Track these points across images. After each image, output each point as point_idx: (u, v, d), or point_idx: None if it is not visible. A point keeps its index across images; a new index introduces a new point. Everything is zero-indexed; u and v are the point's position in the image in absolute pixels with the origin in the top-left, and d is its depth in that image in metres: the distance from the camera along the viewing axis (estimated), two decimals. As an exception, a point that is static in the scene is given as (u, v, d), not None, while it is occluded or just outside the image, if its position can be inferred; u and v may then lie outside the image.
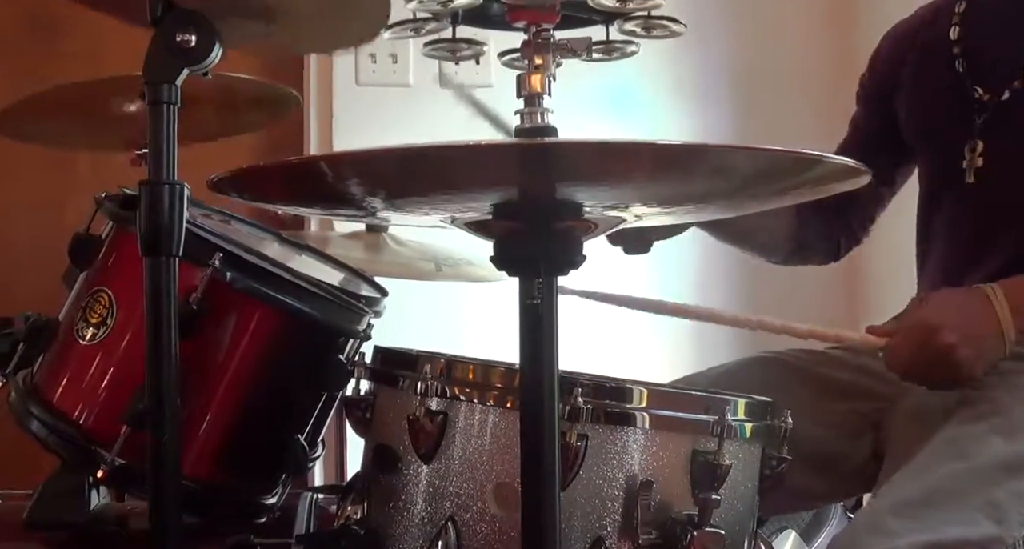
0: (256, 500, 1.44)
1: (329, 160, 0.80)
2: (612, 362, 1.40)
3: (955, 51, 1.51)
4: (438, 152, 0.74)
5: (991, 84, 1.46)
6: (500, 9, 0.96)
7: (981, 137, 1.46)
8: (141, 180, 1.13)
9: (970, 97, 1.48)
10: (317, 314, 1.39)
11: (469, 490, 1.18)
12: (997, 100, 1.45)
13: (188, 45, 1.13)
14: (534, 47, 0.92)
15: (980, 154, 1.46)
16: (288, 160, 0.78)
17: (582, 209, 0.86)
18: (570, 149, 0.71)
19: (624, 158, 0.73)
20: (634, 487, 1.15)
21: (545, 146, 0.79)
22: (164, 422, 1.14)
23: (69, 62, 2.65)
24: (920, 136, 1.61)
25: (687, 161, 0.75)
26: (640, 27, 0.93)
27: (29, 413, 1.38)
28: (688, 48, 2.75)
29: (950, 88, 1.51)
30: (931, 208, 1.61)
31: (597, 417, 1.15)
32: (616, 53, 0.99)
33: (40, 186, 2.68)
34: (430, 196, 0.86)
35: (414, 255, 2.27)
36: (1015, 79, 1.44)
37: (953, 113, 1.50)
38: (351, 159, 0.77)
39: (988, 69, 1.47)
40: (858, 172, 0.82)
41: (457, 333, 2.58)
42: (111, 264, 1.42)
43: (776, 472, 1.28)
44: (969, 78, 1.49)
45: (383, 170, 0.77)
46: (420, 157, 0.74)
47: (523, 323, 0.92)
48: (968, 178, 1.47)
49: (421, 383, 1.19)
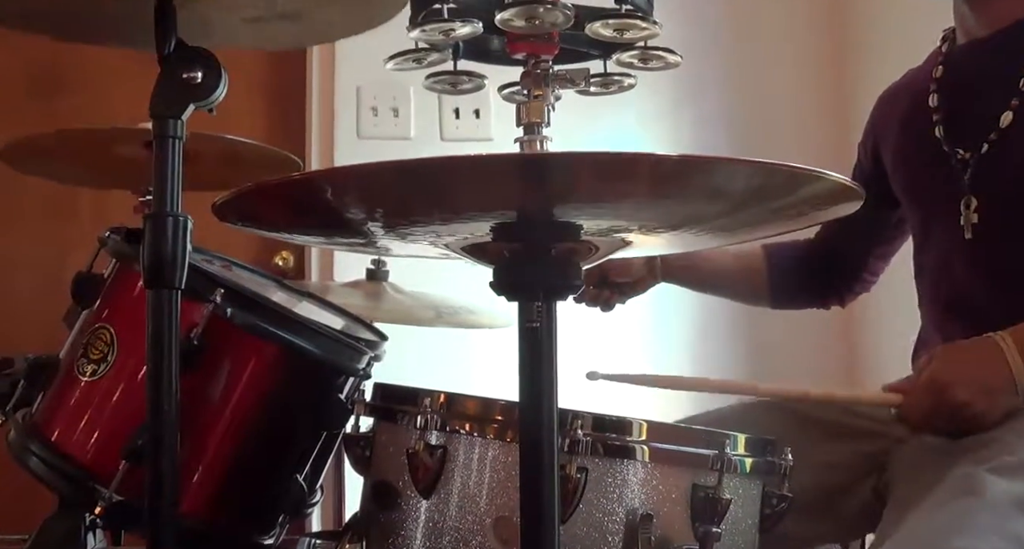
0: (253, 540, 1.42)
1: (329, 175, 0.82)
2: (612, 402, 1.40)
3: (935, 118, 1.55)
4: (435, 164, 0.75)
5: (969, 144, 1.50)
6: (500, 44, 0.98)
7: (973, 192, 1.49)
8: (145, 213, 1.14)
9: (952, 159, 1.51)
10: (318, 352, 1.40)
11: (469, 525, 1.17)
12: (978, 155, 1.48)
13: (194, 81, 1.15)
14: (533, 78, 0.94)
15: (975, 210, 1.48)
16: (290, 176, 0.79)
17: (580, 230, 0.87)
18: (568, 161, 0.72)
19: (622, 170, 0.74)
20: (634, 521, 1.14)
21: (542, 158, 0.80)
22: (163, 457, 1.13)
23: (71, 118, 2.68)
24: (912, 197, 1.64)
25: (685, 174, 0.76)
26: (637, 59, 0.95)
27: (28, 450, 1.38)
28: (684, 103, 2.80)
29: (932, 152, 1.55)
30: (926, 258, 1.63)
31: (597, 450, 1.15)
32: (614, 87, 1.00)
33: (42, 236, 2.70)
34: (430, 217, 0.86)
35: (414, 303, 2.27)
36: (991, 132, 1.47)
37: (939, 176, 1.54)
38: (351, 173, 0.78)
39: (966, 130, 1.51)
40: (853, 192, 0.84)
41: (457, 380, 2.57)
42: (113, 302, 1.43)
43: (777, 511, 1.28)
44: (948, 141, 1.52)
45: (381, 185, 0.78)
46: (418, 170, 0.75)
47: (522, 347, 0.93)
48: (966, 234, 1.49)
49: (421, 417, 1.19)
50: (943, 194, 1.52)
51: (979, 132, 1.48)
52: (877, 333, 2.69)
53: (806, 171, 0.76)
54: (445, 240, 0.93)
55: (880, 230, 1.75)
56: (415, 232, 0.93)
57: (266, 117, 2.80)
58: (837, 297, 1.84)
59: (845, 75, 2.87)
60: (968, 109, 1.52)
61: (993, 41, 1.51)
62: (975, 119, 1.50)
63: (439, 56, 0.97)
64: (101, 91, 2.68)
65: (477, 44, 0.99)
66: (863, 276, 1.81)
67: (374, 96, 2.71)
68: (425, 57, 0.96)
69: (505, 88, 1.01)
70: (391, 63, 0.95)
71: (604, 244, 0.93)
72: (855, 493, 1.53)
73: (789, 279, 1.83)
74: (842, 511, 1.53)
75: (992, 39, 1.51)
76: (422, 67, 0.97)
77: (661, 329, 2.78)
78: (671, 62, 0.94)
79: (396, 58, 0.95)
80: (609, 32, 0.91)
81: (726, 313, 2.73)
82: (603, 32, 0.91)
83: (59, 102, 2.70)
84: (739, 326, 2.78)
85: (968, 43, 1.56)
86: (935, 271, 1.58)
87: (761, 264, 1.81)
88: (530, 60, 0.95)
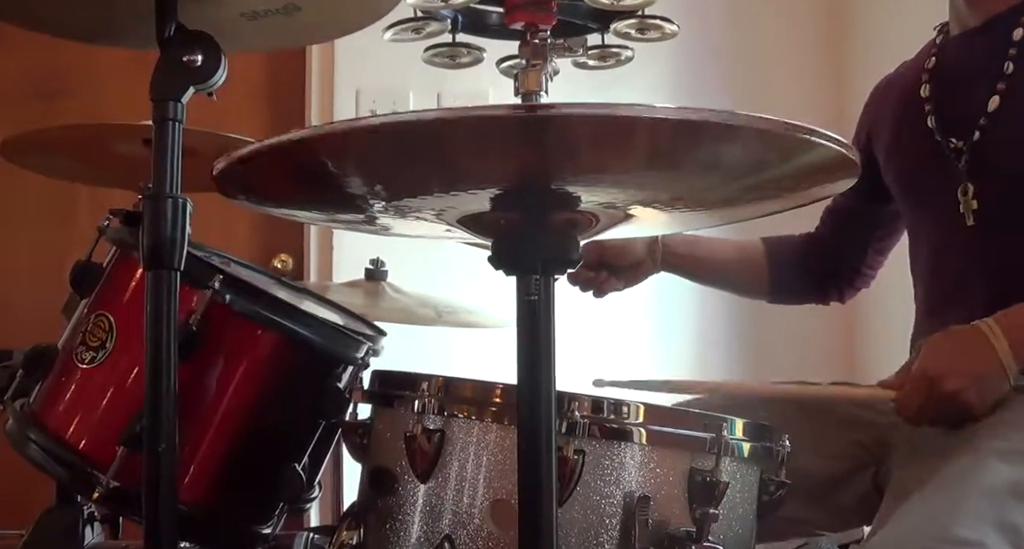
0: (251, 529, 1.42)
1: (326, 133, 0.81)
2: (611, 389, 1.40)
3: (927, 109, 1.56)
4: (430, 120, 0.74)
5: (961, 132, 1.51)
6: (499, 18, 0.99)
7: (970, 180, 1.49)
8: (144, 194, 1.15)
9: (946, 148, 1.52)
10: (317, 339, 1.40)
11: (466, 508, 1.17)
12: (971, 142, 1.49)
13: (194, 64, 1.15)
14: (531, 47, 0.95)
15: (973, 196, 1.49)
16: (288, 136, 0.79)
17: (579, 200, 0.87)
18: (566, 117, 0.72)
19: (621, 128, 0.74)
20: (631, 504, 1.14)
21: (539, 109, 0.80)
22: (161, 441, 1.13)
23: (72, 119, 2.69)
24: (907, 189, 1.65)
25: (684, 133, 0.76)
26: (634, 29, 0.96)
27: (27, 438, 1.38)
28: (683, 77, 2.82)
29: (925, 143, 1.56)
30: (921, 249, 1.63)
31: (594, 432, 1.14)
32: (612, 59, 1.01)
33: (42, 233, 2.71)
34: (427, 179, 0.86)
35: (413, 302, 2.28)
36: (980, 118, 1.48)
37: (933, 167, 1.54)
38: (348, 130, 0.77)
39: (957, 119, 1.52)
40: (849, 162, 0.84)
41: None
42: (112, 290, 1.44)
43: (775, 497, 1.28)
44: (940, 131, 1.53)
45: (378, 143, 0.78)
46: (413, 125, 0.75)
47: (521, 320, 0.93)
48: (969, 221, 1.50)
49: (419, 401, 1.19)
50: (937, 184, 1.53)
51: (970, 120, 1.49)
52: (877, 329, 2.70)
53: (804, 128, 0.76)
54: (444, 212, 0.93)
55: (875, 223, 1.75)
56: (414, 205, 0.93)
57: (266, 122, 2.81)
58: (836, 291, 1.84)
59: (844, 54, 2.90)
60: (959, 98, 1.53)
61: (984, 29, 1.53)
62: (965, 107, 1.51)
63: (438, 26, 0.97)
64: (102, 93, 2.70)
65: (475, 17, 1.00)
66: (861, 270, 1.81)
67: (373, 99, 2.72)
68: (424, 27, 0.96)
69: (504, 61, 1.02)
70: (389, 32, 0.96)
71: (604, 216, 0.93)
72: (855, 483, 1.53)
73: (788, 273, 1.83)
74: (842, 501, 1.53)
75: (983, 28, 1.53)
76: (420, 37, 0.97)
77: (663, 329, 2.79)
78: (668, 32, 0.95)
79: (394, 27, 0.96)
80: (607, 0, 0.91)
81: (727, 312, 2.74)
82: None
83: (60, 104, 2.72)
84: (740, 324, 2.78)
85: (960, 33, 1.57)
86: (931, 261, 1.59)
87: (761, 258, 1.82)
88: (528, 30, 0.95)
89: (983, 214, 1.49)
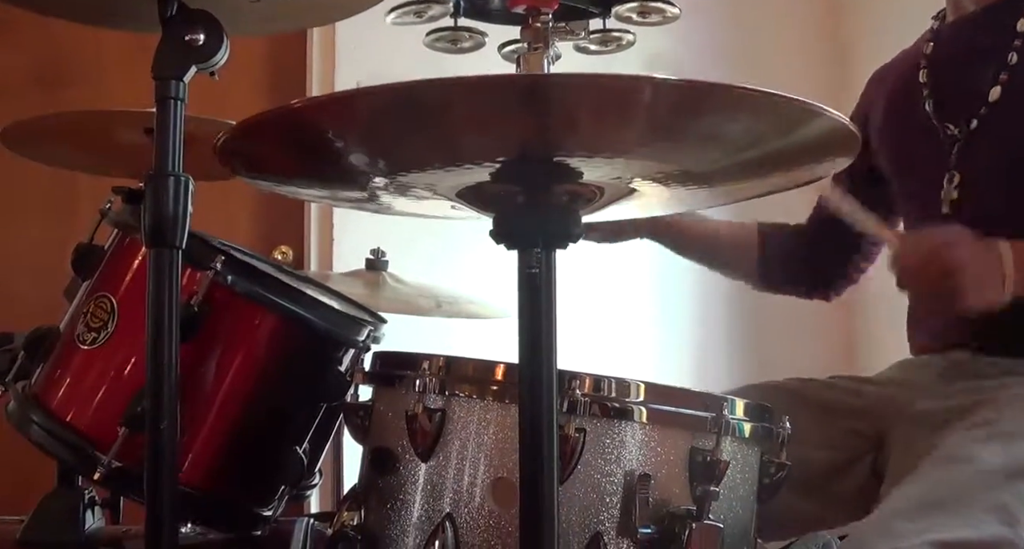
0: (253, 510, 1.42)
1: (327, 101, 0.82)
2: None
3: (925, 93, 1.56)
4: (430, 86, 0.74)
5: (959, 119, 1.51)
6: (501, 2, 0.99)
7: (957, 168, 1.50)
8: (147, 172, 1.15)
9: (941, 133, 1.52)
10: (318, 321, 1.40)
11: (467, 486, 1.17)
12: (967, 129, 1.49)
13: (196, 43, 1.15)
14: (533, 31, 0.95)
15: (956, 186, 1.49)
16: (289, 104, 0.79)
17: (581, 173, 0.87)
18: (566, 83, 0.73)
19: (622, 95, 0.74)
20: (632, 482, 1.14)
21: (540, 79, 0.80)
22: (163, 420, 1.13)
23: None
24: (896, 172, 1.65)
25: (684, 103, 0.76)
26: (636, 12, 0.96)
27: (28, 419, 1.38)
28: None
29: (922, 128, 1.56)
30: None
31: (595, 411, 1.15)
32: (613, 44, 1.01)
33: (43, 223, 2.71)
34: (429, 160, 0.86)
35: (413, 292, 2.28)
36: (980, 107, 1.48)
37: (927, 150, 1.55)
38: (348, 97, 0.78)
39: (956, 105, 1.52)
40: (849, 136, 0.84)
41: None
42: (114, 271, 1.44)
43: (775, 480, 1.28)
44: (938, 117, 1.53)
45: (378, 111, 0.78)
46: (413, 91, 0.75)
47: (522, 295, 0.93)
48: (943, 209, 1.51)
49: (420, 381, 1.19)
50: (928, 170, 1.53)
51: (969, 107, 1.49)
52: (877, 321, 2.70)
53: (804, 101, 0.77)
54: (446, 187, 0.93)
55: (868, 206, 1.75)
56: (415, 180, 0.93)
57: (267, 109, 2.80)
58: (824, 285, 1.82)
59: (845, 40, 2.90)
60: (958, 84, 1.54)
61: (983, 16, 1.53)
62: (965, 94, 1.51)
63: (440, 9, 0.97)
64: (104, 83, 2.70)
65: (477, 1, 1.00)
66: (854, 259, 1.79)
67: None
68: (425, 10, 0.97)
69: (505, 46, 1.02)
70: (391, 16, 0.96)
71: (605, 190, 0.93)
72: (853, 472, 1.54)
73: (777, 263, 1.81)
74: (841, 491, 1.54)
75: (982, 14, 1.53)
76: (422, 21, 0.97)
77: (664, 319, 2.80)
78: (670, 15, 0.95)
79: (396, 11, 0.96)
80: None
81: (728, 302, 2.74)
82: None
83: (62, 93, 2.72)
84: (740, 315, 2.78)
85: (958, 19, 1.58)
86: None
87: (753, 239, 1.80)
88: (530, 14, 0.95)
89: (960, 204, 1.49)
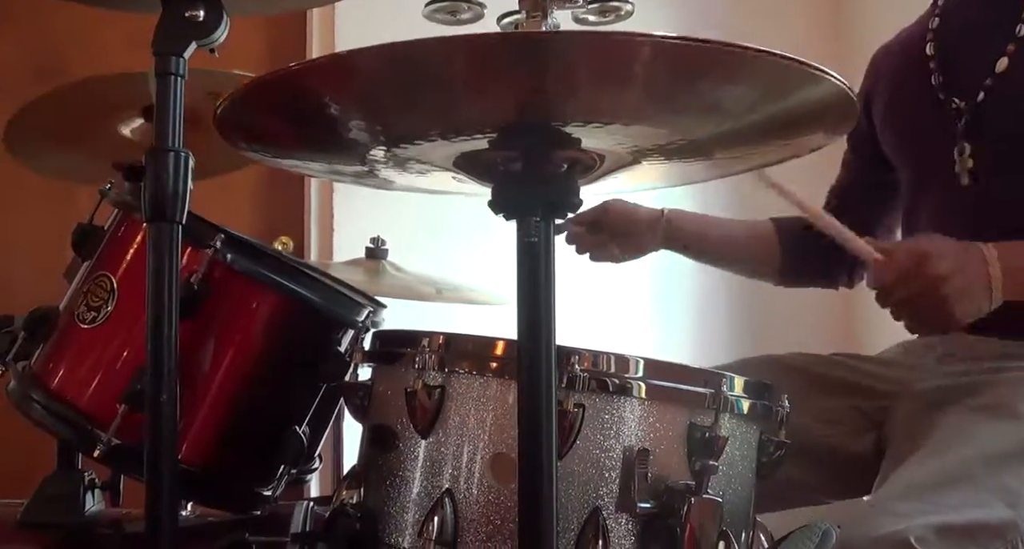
0: (253, 489, 1.43)
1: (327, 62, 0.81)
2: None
3: (931, 66, 1.56)
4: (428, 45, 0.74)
5: (966, 91, 1.51)
6: (500, -25, 0.99)
7: (966, 139, 1.50)
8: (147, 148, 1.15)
9: (948, 106, 1.52)
10: (318, 300, 1.41)
11: (466, 462, 1.17)
12: (974, 102, 1.49)
13: (196, 19, 1.16)
14: (532, 1, 0.95)
15: (970, 156, 1.49)
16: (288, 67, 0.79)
17: (579, 141, 0.87)
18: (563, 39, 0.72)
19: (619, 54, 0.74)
20: (631, 457, 1.14)
21: (534, 36, 0.80)
22: (163, 396, 1.13)
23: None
24: (903, 147, 1.64)
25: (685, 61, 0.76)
26: (635, -19, 0.96)
27: (29, 398, 1.39)
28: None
29: (928, 101, 1.56)
30: (919, 213, 1.64)
31: (594, 386, 1.15)
32: (611, 14, 1.01)
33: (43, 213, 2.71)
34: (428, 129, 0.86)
35: (413, 280, 2.28)
36: (986, 79, 1.48)
37: (934, 123, 1.54)
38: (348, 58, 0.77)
39: (961, 77, 1.52)
40: (847, 101, 0.84)
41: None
42: (114, 251, 1.44)
43: (774, 458, 1.28)
44: (945, 89, 1.53)
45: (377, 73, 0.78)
46: (411, 51, 0.75)
47: (521, 265, 0.93)
48: (963, 180, 1.50)
49: (419, 358, 1.19)
50: (936, 144, 1.53)
51: (976, 79, 1.49)
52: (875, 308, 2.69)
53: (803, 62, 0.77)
54: (444, 157, 0.93)
55: (879, 194, 1.75)
56: (414, 151, 0.93)
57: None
58: (846, 273, 1.83)
59: (847, 8, 2.90)
60: (964, 56, 1.54)
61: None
62: (972, 66, 1.51)
63: (438, -20, 0.97)
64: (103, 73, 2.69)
65: (476, -25, 1.00)
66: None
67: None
68: (424, -18, 0.97)
69: (505, 17, 1.02)
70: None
71: (604, 160, 0.93)
72: (855, 449, 1.54)
73: (798, 255, 1.81)
74: (844, 466, 1.54)
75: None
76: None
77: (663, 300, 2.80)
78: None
79: (394, -19, 0.96)
80: (608, -52, 0.91)
81: (727, 284, 2.74)
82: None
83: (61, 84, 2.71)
84: (739, 296, 2.78)
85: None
86: (930, 224, 1.59)
87: (772, 236, 1.80)
88: (529, -19, 0.95)
89: (979, 174, 1.49)
